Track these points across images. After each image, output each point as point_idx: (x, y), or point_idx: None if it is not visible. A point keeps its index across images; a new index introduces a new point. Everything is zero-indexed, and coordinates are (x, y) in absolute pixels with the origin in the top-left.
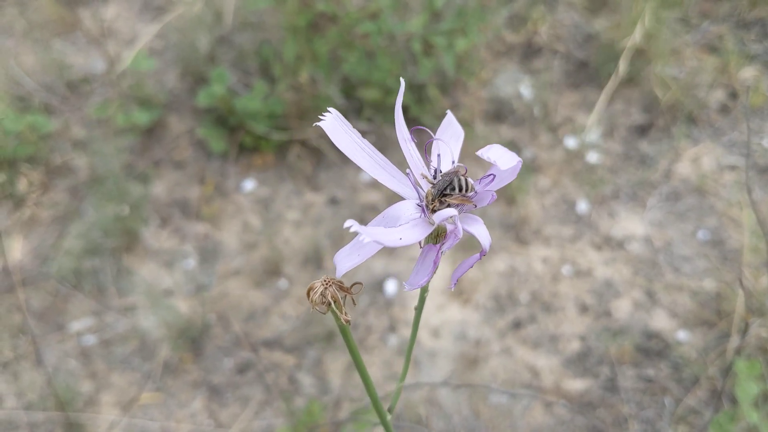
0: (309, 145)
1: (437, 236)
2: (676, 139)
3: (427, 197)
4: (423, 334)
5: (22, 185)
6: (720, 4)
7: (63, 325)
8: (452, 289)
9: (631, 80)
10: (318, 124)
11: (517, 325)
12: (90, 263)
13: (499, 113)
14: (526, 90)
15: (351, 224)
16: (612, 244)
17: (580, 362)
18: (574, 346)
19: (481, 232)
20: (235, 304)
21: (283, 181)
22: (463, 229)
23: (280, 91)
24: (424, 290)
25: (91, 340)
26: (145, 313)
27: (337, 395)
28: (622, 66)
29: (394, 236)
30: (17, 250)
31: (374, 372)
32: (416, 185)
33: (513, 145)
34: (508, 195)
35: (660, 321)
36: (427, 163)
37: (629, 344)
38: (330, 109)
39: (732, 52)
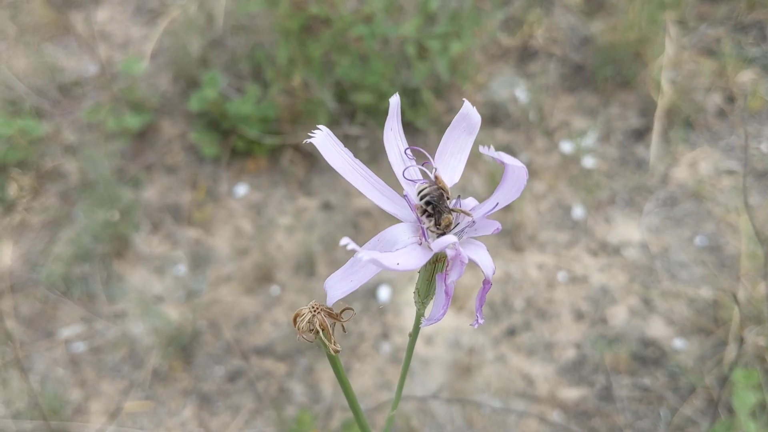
0: (302, 150)
1: (436, 262)
2: (673, 144)
3: (423, 221)
4: (416, 342)
5: (12, 190)
6: (717, 6)
7: (52, 332)
8: (476, 327)
9: (627, 84)
10: (309, 141)
11: (511, 332)
12: (80, 269)
13: (495, 117)
14: (521, 94)
15: (347, 242)
16: (608, 250)
17: (575, 370)
18: (570, 353)
19: (483, 259)
20: (227, 311)
21: (276, 185)
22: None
23: (273, 95)
24: (419, 317)
25: (80, 347)
26: (135, 320)
27: (329, 404)
28: (665, 86)
29: (392, 260)
30: (7, 255)
31: (366, 380)
32: (414, 208)
33: (508, 150)
34: None
35: (656, 329)
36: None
37: (625, 352)
38: (320, 126)
39: (730, 55)
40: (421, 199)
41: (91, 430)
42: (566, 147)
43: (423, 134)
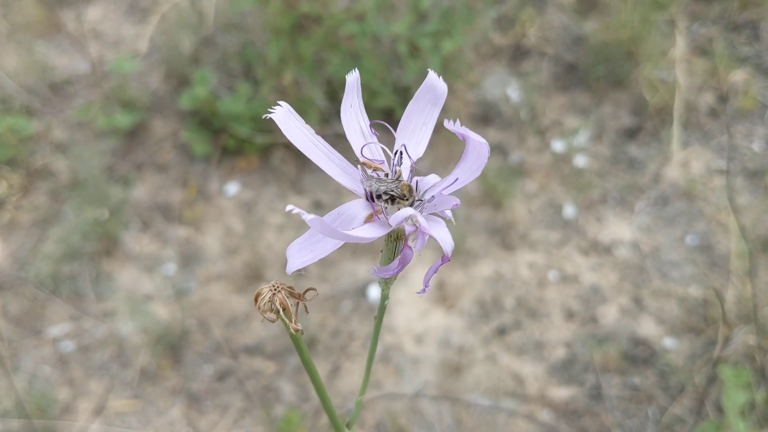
0: (293, 149)
1: (398, 237)
2: (665, 143)
3: (370, 195)
4: (406, 341)
5: (2, 188)
6: (710, 6)
7: (40, 331)
8: (421, 295)
9: (619, 83)
10: (268, 116)
11: (501, 331)
12: (69, 268)
13: (487, 116)
14: (513, 93)
15: (292, 208)
16: (599, 249)
17: (565, 370)
18: (560, 353)
19: (443, 235)
20: (216, 310)
21: (267, 184)
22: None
23: (264, 93)
24: (384, 298)
25: (68, 346)
26: (123, 319)
27: (318, 403)
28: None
29: (344, 233)
30: None
31: (356, 379)
32: (364, 181)
33: (500, 149)
34: (494, 199)
35: (647, 328)
36: (389, 158)
37: (615, 351)
38: (280, 102)
39: (722, 54)
40: (372, 194)
41: (78, 429)
42: (558, 146)
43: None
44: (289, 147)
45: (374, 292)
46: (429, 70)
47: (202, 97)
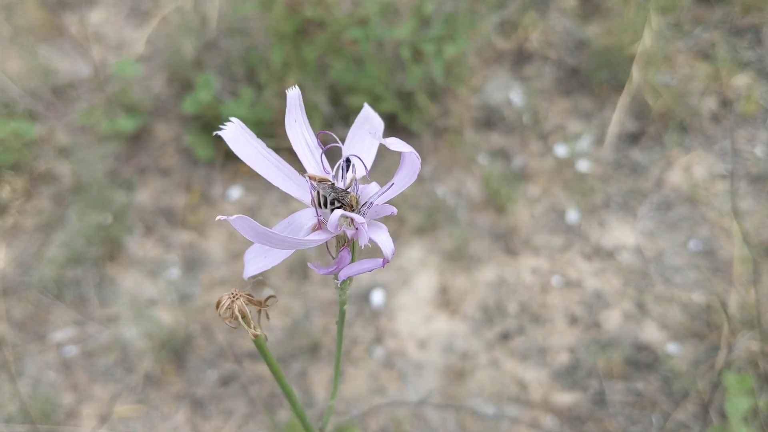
0: (296, 154)
1: (344, 243)
2: (668, 148)
3: (316, 202)
4: (409, 346)
5: (5, 193)
6: (713, 10)
7: (44, 336)
8: (337, 285)
9: (622, 87)
10: (218, 133)
11: (505, 336)
12: (72, 272)
13: (489, 121)
14: (516, 97)
15: (220, 217)
16: (602, 254)
17: (569, 375)
18: (563, 358)
19: (383, 239)
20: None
21: (270, 188)
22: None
23: (267, 97)
24: (342, 303)
25: (72, 350)
26: (127, 324)
27: (322, 408)
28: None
29: (272, 233)
30: None
31: (359, 385)
32: (312, 191)
33: (503, 153)
34: (497, 204)
35: (650, 333)
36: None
37: (618, 357)
38: (231, 118)
39: (724, 59)
40: (321, 199)
41: None
42: (561, 150)
43: (417, 137)
44: (292, 151)
45: (377, 297)
46: (365, 104)
47: (206, 101)
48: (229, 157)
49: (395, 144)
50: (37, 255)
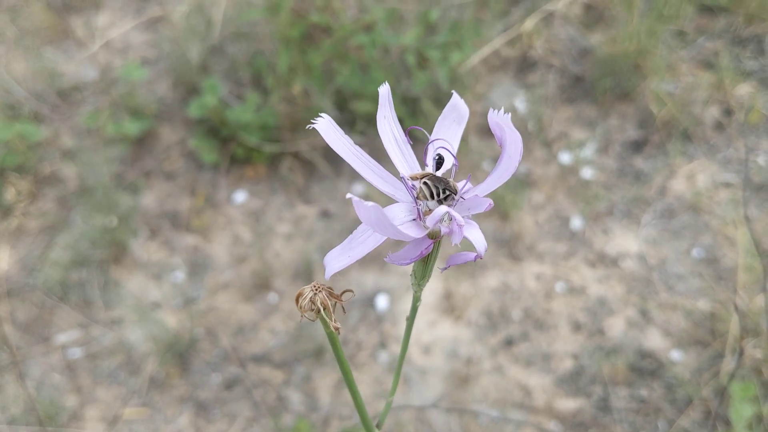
0: (301, 158)
1: (433, 239)
2: (671, 156)
3: (419, 196)
4: (414, 351)
5: (10, 195)
6: (716, 19)
7: (48, 338)
8: (442, 271)
9: (626, 96)
10: (312, 126)
11: (509, 342)
12: (77, 275)
13: None
14: (520, 104)
15: (351, 196)
16: (606, 261)
17: (573, 381)
18: (567, 364)
19: (476, 236)
20: (224, 318)
21: (275, 193)
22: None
23: (273, 102)
24: (416, 300)
25: (76, 353)
26: (132, 327)
27: (326, 413)
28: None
29: (392, 221)
30: (3, 260)
31: (363, 389)
32: (412, 188)
33: None
34: (501, 210)
35: (654, 340)
36: (423, 165)
37: (622, 363)
38: (322, 114)
39: (727, 68)
40: (428, 193)
41: None
42: (565, 158)
43: (422, 143)
44: (297, 156)
45: (381, 303)
46: (453, 92)
47: (211, 105)
48: (234, 162)
49: (504, 121)
50: (41, 257)
